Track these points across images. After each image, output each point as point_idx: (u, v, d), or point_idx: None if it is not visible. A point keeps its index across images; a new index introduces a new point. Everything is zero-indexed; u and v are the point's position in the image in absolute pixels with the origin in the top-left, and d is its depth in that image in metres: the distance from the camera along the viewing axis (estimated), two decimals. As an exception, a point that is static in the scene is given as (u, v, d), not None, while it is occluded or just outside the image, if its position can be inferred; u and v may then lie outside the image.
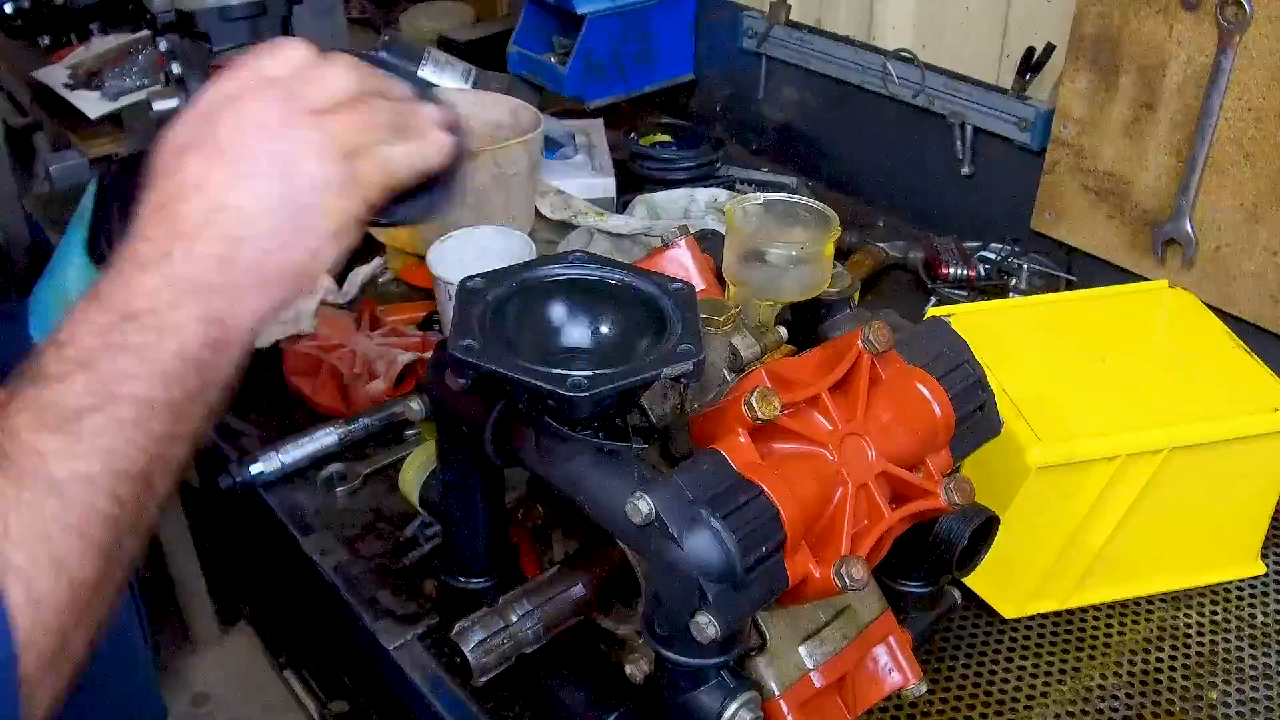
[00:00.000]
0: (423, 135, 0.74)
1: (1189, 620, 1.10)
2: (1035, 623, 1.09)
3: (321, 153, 0.68)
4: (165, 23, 1.71)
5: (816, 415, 0.79)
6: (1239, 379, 1.11)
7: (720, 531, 0.70)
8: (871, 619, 0.90)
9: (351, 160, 0.70)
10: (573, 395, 0.70)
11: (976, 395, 0.86)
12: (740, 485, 0.73)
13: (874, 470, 0.78)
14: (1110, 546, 1.07)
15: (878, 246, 1.65)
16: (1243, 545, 1.15)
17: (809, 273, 0.93)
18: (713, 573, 0.70)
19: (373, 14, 2.60)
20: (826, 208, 0.96)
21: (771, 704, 0.82)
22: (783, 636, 0.84)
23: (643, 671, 0.86)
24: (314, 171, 0.68)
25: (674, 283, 0.81)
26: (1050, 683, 1.03)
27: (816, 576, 0.74)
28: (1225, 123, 1.31)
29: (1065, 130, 1.49)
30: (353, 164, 0.70)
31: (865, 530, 0.77)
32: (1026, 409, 1.04)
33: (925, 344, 0.87)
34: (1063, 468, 1.02)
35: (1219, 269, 1.38)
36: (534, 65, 2.04)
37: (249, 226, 0.67)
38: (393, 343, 1.42)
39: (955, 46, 1.70)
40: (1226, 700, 1.02)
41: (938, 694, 1.02)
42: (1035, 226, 1.58)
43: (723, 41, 2.03)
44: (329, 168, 0.69)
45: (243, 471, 1.24)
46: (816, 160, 1.96)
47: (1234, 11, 1.26)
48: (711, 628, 0.70)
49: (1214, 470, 1.07)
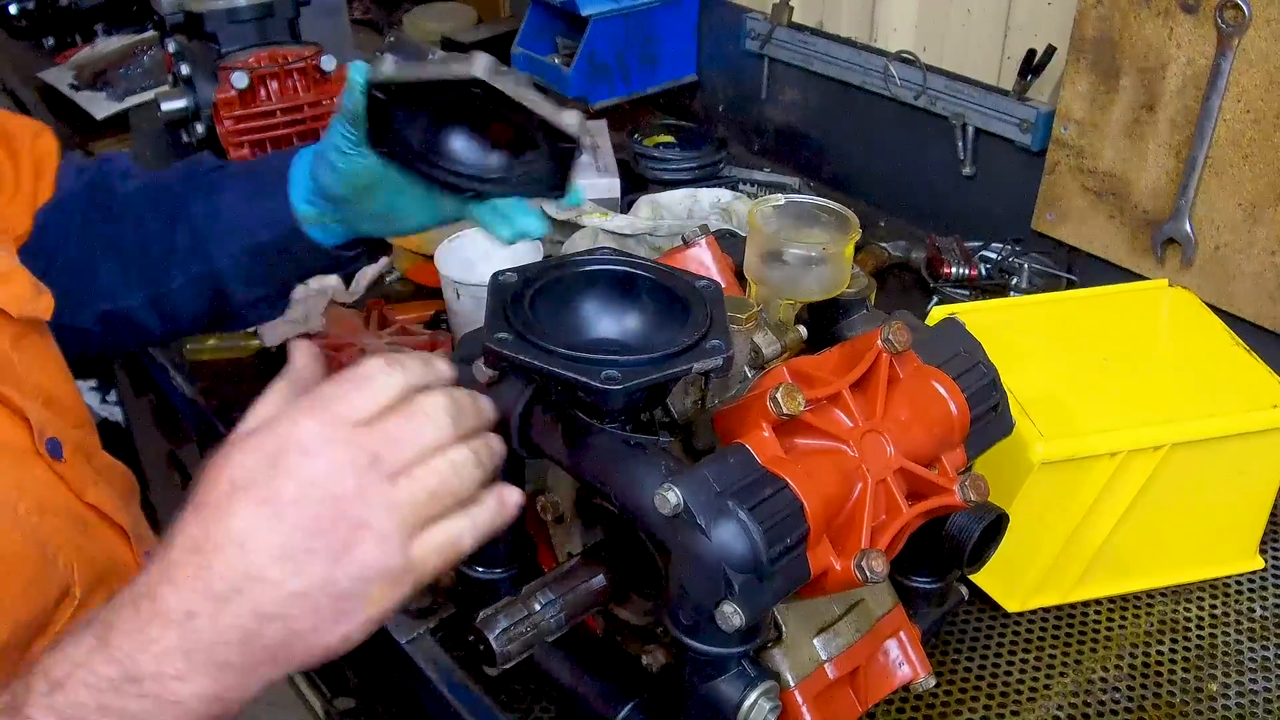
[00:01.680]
0: (491, 500, 0.69)
1: (1189, 614, 1.12)
2: (1038, 617, 1.11)
3: (384, 538, 0.63)
4: (173, 24, 1.72)
5: (837, 412, 0.80)
6: (1238, 376, 1.13)
7: (747, 523, 0.72)
8: (883, 613, 0.91)
9: (413, 541, 0.65)
10: (607, 388, 0.72)
11: (991, 395, 0.88)
12: (765, 478, 0.74)
13: (893, 466, 0.80)
14: (1112, 542, 1.09)
15: (880, 246, 1.67)
16: (1242, 540, 1.17)
17: (829, 273, 0.95)
18: (739, 563, 0.72)
19: (376, 15, 2.61)
20: (847, 210, 0.98)
21: (787, 694, 0.84)
22: (798, 629, 0.86)
23: (659, 661, 0.88)
24: (371, 561, 0.63)
25: (700, 280, 0.83)
26: (1053, 675, 1.05)
27: (837, 569, 0.76)
28: (1224, 124, 1.33)
29: (1066, 131, 1.51)
30: (413, 547, 0.65)
31: (883, 525, 0.79)
32: (1029, 406, 1.06)
33: (941, 344, 0.88)
34: (1065, 464, 1.04)
35: (1218, 268, 1.40)
36: (538, 67, 2.06)
37: (284, 606, 0.61)
38: (401, 341, 1.44)
39: (957, 48, 1.72)
40: (1226, 693, 1.03)
41: (943, 686, 1.03)
42: (1036, 227, 1.60)
43: (725, 43, 2.05)
44: (389, 558, 0.63)
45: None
46: (819, 161, 1.98)
47: (1233, 14, 1.28)
48: (737, 617, 0.72)
49: (1214, 466, 1.09)
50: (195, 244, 1.03)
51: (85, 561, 0.83)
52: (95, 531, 0.89)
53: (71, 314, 1.06)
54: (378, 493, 0.63)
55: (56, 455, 0.86)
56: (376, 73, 0.85)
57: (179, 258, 1.04)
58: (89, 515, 0.88)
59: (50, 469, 0.85)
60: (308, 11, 1.80)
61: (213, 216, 1.02)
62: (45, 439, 0.85)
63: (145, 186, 1.08)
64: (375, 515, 0.63)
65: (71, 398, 0.96)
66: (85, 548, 0.85)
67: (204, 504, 0.63)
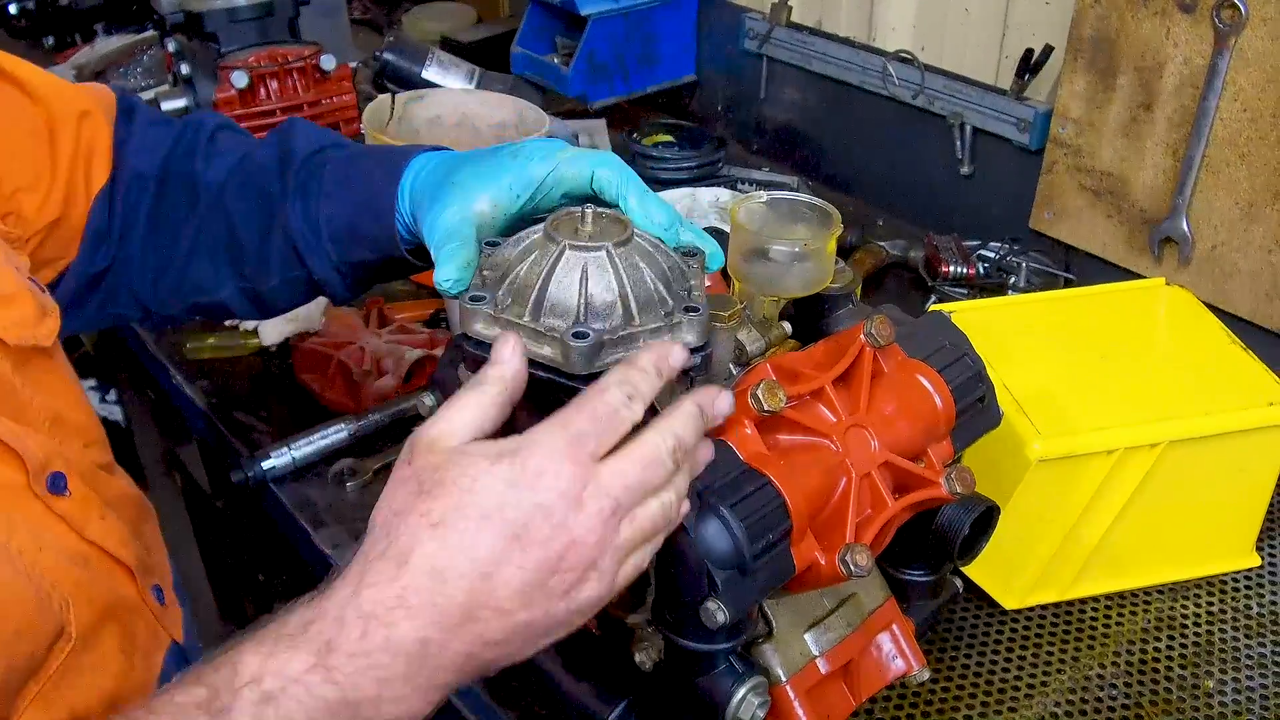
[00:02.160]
0: (665, 527, 0.70)
1: (1186, 611, 1.12)
2: (1036, 613, 1.11)
3: (604, 577, 0.66)
4: (173, 23, 1.74)
5: (821, 407, 0.81)
6: (1235, 374, 1.12)
7: (729, 520, 0.72)
8: (875, 607, 0.91)
9: (619, 574, 0.67)
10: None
11: (976, 387, 0.88)
12: (747, 475, 0.74)
13: (877, 460, 0.80)
14: (1109, 539, 1.09)
15: (878, 245, 1.67)
16: (1238, 537, 1.17)
17: (812, 268, 0.95)
18: (721, 560, 0.72)
19: (376, 15, 2.62)
20: (828, 205, 0.97)
21: (778, 690, 0.84)
22: (789, 624, 0.86)
23: (651, 660, 0.88)
24: (590, 597, 0.65)
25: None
26: (1050, 672, 1.05)
27: (822, 564, 0.76)
28: (1221, 123, 1.33)
29: (1063, 130, 1.51)
30: (618, 579, 0.67)
31: (869, 519, 0.79)
32: (1027, 404, 1.06)
33: (926, 337, 0.89)
34: (1062, 461, 1.04)
35: (1215, 267, 1.39)
36: (537, 66, 2.06)
37: (508, 634, 0.64)
38: (401, 340, 1.44)
39: (955, 48, 1.72)
40: (1223, 689, 1.03)
41: (940, 683, 1.03)
42: (1034, 225, 1.60)
43: (724, 43, 2.05)
44: (603, 593, 0.66)
45: (254, 466, 1.25)
46: (817, 160, 1.98)
47: (1230, 14, 1.28)
48: (721, 613, 0.72)
49: (1210, 464, 1.09)
50: (294, 253, 0.99)
51: (85, 600, 0.81)
52: (97, 569, 0.85)
53: (161, 304, 1.05)
54: (612, 539, 0.65)
55: (59, 490, 0.83)
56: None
57: (276, 263, 1.00)
58: (91, 552, 0.84)
59: (48, 508, 0.82)
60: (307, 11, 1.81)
61: (313, 230, 0.97)
62: (48, 473, 0.82)
63: (234, 176, 1.02)
64: (605, 558, 0.65)
65: (83, 415, 0.93)
66: (86, 586, 0.81)
67: (444, 525, 0.62)
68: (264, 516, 1.32)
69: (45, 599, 0.76)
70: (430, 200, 0.87)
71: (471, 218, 0.84)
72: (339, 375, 1.39)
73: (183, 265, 1.03)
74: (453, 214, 0.84)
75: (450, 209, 0.85)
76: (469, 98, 1.71)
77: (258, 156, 1.03)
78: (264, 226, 1.00)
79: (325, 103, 1.71)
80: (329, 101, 1.71)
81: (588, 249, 0.74)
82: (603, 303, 0.73)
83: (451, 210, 0.85)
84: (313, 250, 0.98)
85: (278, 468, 1.26)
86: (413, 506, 0.64)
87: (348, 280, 1.00)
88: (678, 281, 0.78)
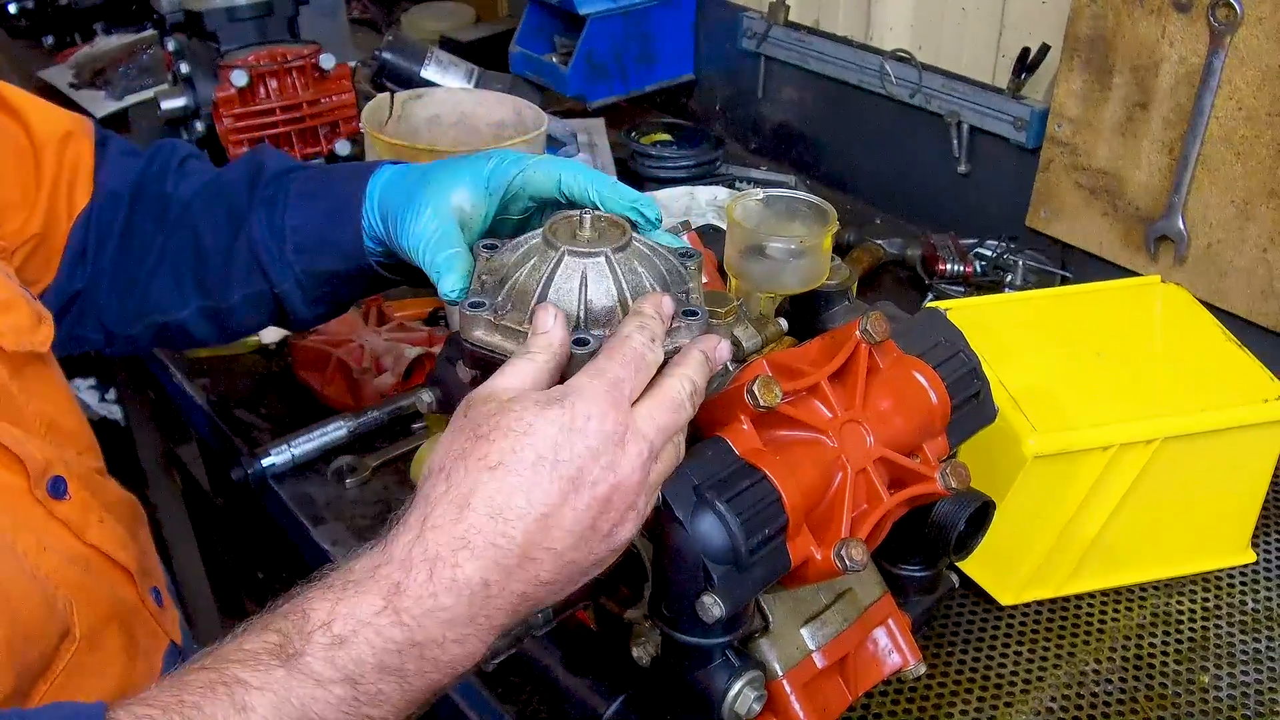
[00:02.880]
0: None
1: (1181, 607, 1.12)
2: (1031, 609, 1.12)
3: (640, 515, 0.69)
4: (173, 23, 1.74)
5: (816, 403, 0.81)
6: (1230, 371, 1.13)
7: (724, 515, 0.72)
8: (871, 602, 0.92)
9: (648, 509, 0.71)
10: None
11: (972, 383, 0.88)
12: (743, 470, 0.75)
13: (872, 456, 0.80)
14: (1104, 535, 1.09)
15: (876, 243, 1.68)
16: (1233, 534, 1.17)
17: (808, 265, 0.95)
18: (717, 555, 0.72)
19: (375, 14, 2.62)
20: (824, 202, 0.98)
21: (775, 684, 0.85)
22: (785, 618, 0.87)
23: (649, 654, 0.88)
24: (627, 535, 0.69)
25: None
26: (1046, 667, 1.05)
27: (818, 558, 0.76)
28: (1216, 121, 1.33)
29: (1060, 129, 1.52)
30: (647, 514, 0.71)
31: (864, 514, 0.79)
32: (1023, 401, 1.06)
33: (921, 333, 0.89)
34: (1058, 458, 1.04)
35: (1211, 265, 1.40)
36: (536, 65, 2.07)
37: (557, 573, 0.67)
38: (399, 337, 1.45)
39: (952, 47, 1.72)
40: (1218, 684, 1.04)
41: (936, 678, 1.04)
42: (1030, 224, 1.61)
43: (722, 42, 2.06)
44: (636, 529, 0.70)
45: (254, 463, 1.26)
46: (815, 159, 1.98)
47: (1225, 13, 1.28)
48: (717, 608, 0.73)
49: (1205, 460, 1.10)
50: (257, 264, 0.99)
51: (87, 602, 0.81)
52: (98, 572, 0.86)
53: (123, 325, 1.05)
54: (646, 480, 0.68)
55: (59, 494, 0.83)
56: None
57: (238, 276, 1.00)
58: (91, 555, 0.85)
59: (50, 513, 0.82)
60: (307, 10, 1.81)
61: (278, 238, 0.97)
62: (48, 478, 0.83)
63: (203, 191, 1.03)
64: (641, 498, 0.69)
65: (75, 422, 0.94)
66: (88, 588, 0.82)
67: (502, 467, 0.65)
68: (263, 514, 1.33)
69: (50, 600, 0.77)
70: (404, 206, 0.88)
71: (451, 215, 0.85)
72: (338, 373, 1.40)
73: (146, 282, 1.03)
74: (430, 215, 0.86)
75: (427, 210, 0.86)
76: (468, 97, 1.71)
77: (228, 175, 1.04)
78: (229, 237, 1.00)
79: (324, 102, 1.71)
80: (328, 100, 1.71)
81: (586, 254, 0.75)
82: (602, 308, 0.74)
83: (429, 211, 0.86)
84: (275, 260, 0.98)
85: (277, 465, 1.27)
86: (470, 450, 0.66)
87: (309, 295, 1.00)
88: (676, 284, 0.78)
